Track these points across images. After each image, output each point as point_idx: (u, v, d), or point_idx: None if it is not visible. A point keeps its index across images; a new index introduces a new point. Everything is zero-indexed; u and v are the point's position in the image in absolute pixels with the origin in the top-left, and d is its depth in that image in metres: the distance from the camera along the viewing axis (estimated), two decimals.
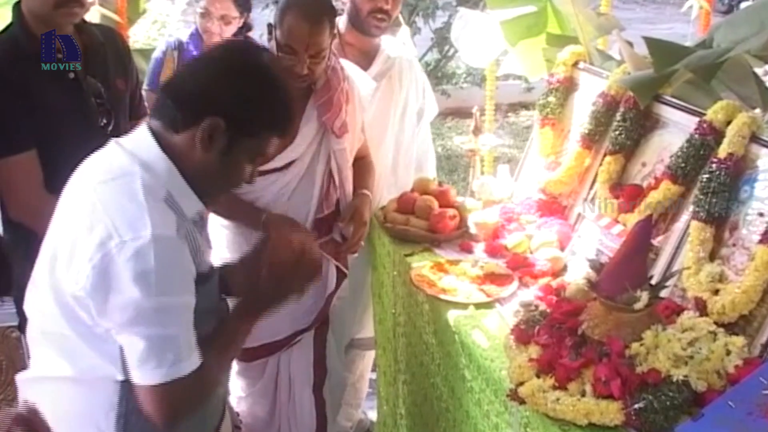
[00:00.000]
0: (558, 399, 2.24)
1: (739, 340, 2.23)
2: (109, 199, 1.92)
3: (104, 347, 1.97)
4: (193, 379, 1.93)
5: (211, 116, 1.93)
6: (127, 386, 1.98)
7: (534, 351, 2.41)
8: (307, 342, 3.24)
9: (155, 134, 1.99)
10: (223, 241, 3.12)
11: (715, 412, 2.08)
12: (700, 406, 2.14)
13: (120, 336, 1.92)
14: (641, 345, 2.25)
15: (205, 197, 2.05)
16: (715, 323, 2.32)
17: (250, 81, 1.99)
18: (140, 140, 2.00)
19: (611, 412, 2.16)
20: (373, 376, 3.80)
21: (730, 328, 2.30)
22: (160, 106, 2.01)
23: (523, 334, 2.51)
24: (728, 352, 2.23)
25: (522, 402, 2.31)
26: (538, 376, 2.33)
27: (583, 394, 2.24)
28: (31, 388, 2.13)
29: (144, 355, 1.89)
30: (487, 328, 2.72)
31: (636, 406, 2.14)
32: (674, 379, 2.16)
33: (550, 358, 2.34)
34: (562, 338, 2.39)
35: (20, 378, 2.19)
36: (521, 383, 2.33)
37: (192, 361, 1.94)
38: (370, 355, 3.76)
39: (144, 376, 1.91)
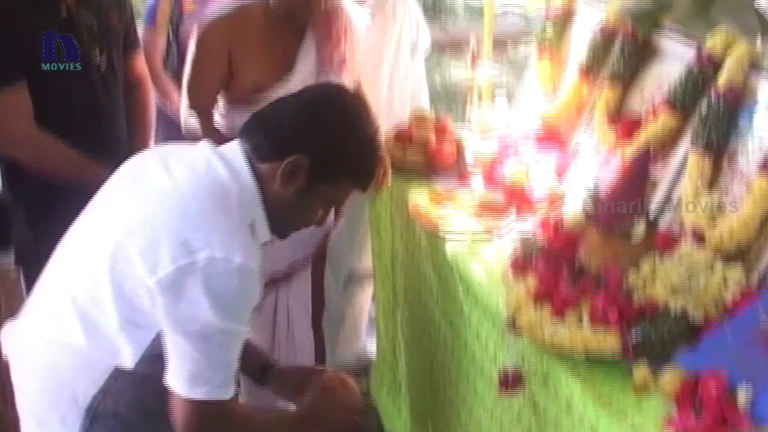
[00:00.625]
0: (555, 329, 2.25)
1: (737, 271, 2.23)
2: (207, 209, 1.91)
3: (137, 335, 1.98)
4: (228, 409, 1.98)
5: (297, 154, 1.97)
6: (120, 373, 2.00)
7: (531, 282, 2.41)
8: (304, 276, 3.24)
9: (246, 157, 2.00)
10: None
11: (713, 343, 2.09)
12: (698, 337, 2.15)
13: (174, 340, 1.92)
14: (639, 275, 2.25)
15: (274, 230, 2.07)
16: (714, 254, 2.32)
17: (342, 129, 2.04)
18: (234, 158, 2.00)
19: (609, 341, 2.17)
20: (373, 309, 3.81)
21: (729, 259, 2.31)
22: (250, 132, 2.03)
23: (520, 265, 2.52)
24: (726, 283, 2.23)
25: (519, 332, 2.32)
26: (535, 306, 2.34)
27: (581, 325, 2.25)
28: (20, 339, 2.11)
29: (197, 370, 1.91)
30: (485, 259, 2.73)
31: (634, 335, 2.15)
32: (672, 310, 2.17)
33: (548, 289, 2.35)
34: (560, 269, 2.40)
35: (9, 327, 2.16)
36: (519, 313, 2.34)
37: (232, 390, 1.98)
38: (369, 289, 3.77)
39: (190, 390, 1.92)
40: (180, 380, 1.92)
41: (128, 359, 1.99)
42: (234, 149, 2.02)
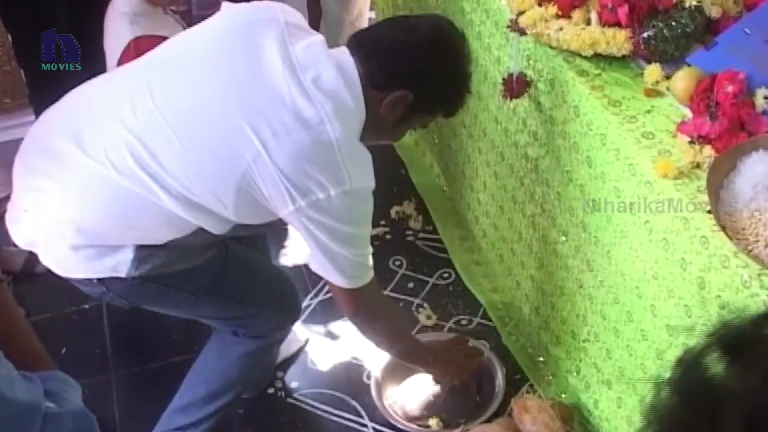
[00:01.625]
0: (561, 28, 2.13)
1: None
2: (344, 141, 1.88)
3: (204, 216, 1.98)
4: (374, 285, 2.17)
5: (406, 89, 1.98)
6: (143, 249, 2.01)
7: None
8: None
9: (360, 82, 1.97)
10: None
11: (730, 40, 1.97)
12: (714, 34, 2.03)
13: (323, 246, 1.98)
14: None
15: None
16: None
17: (452, 72, 2.07)
18: (348, 75, 1.95)
19: (618, 41, 2.06)
20: (372, 15, 3.66)
21: None
22: (364, 55, 1.98)
23: None
24: None
25: (523, 32, 2.20)
26: (539, 5, 2.20)
27: (588, 23, 2.13)
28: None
29: (346, 267, 2.04)
30: None
31: (645, 34, 2.03)
32: (686, 5, 2.03)
33: None
34: None
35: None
36: (522, 12, 2.20)
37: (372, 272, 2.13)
38: None
39: (348, 282, 2.07)
40: (336, 277, 2.05)
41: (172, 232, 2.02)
42: (349, 66, 1.96)
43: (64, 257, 1.99)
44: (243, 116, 1.86)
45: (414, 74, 1.99)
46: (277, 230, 2.74)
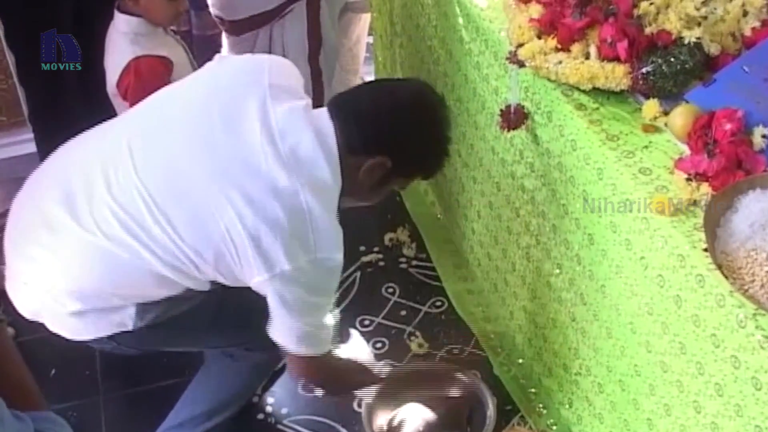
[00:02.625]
0: (560, 61, 2.13)
1: (757, 0, 2.08)
2: (317, 214, 1.88)
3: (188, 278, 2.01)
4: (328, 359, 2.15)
5: (384, 155, 1.98)
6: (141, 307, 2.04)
7: (535, 10, 2.26)
8: (299, 11, 3.07)
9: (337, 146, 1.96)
10: None
11: (728, 78, 1.97)
12: (713, 71, 2.03)
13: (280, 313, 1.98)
14: (651, 4, 2.09)
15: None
16: None
17: (431, 138, 2.08)
18: (327, 143, 1.93)
19: (617, 75, 2.06)
20: (370, 39, 3.67)
21: None
22: (342, 119, 1.97)
23: None
24: (745, 13, 2.09)
25: (522, 64, 2.20)
26: (539, 37, 2.21)
27: (587, 57, 2.13)
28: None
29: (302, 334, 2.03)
30: None
31: (644, 69, 2.03)
32: (686, 41, 2.03)
33: (552, 18, 2.20)
34: None
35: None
36: (521, 45, 2.21)
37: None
38: (366, 19, 3.60)
39: (297, 348, 2.05)
40: (287, 341, 2.04)
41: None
42: (327, 130, 1.95)
43: (70, 324, 2.03)
44: (218, 184, 1.88)
45: (393, 141, 2.00)
46: None
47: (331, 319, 2.08)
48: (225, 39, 3.10)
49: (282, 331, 2.01)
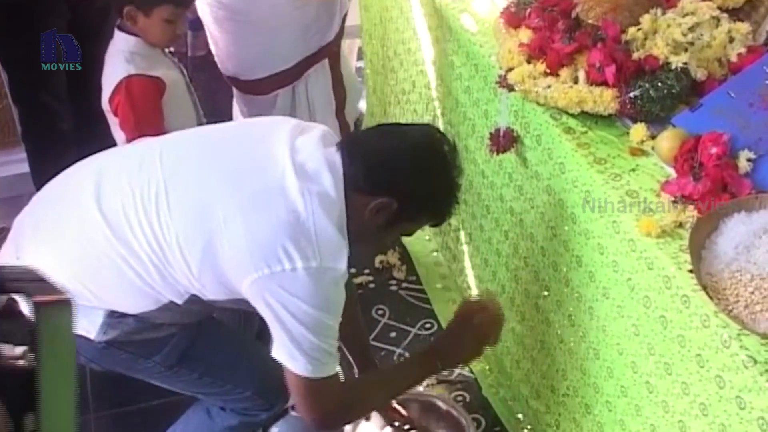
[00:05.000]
0: (549, 86, 2.16)
1: (743, 27, 2.11)
2: (320, 221, 1.86)
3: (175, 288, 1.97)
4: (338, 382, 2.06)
5: (389, 196, 1.95)
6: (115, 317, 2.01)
7: (525, 35, 2.30)
8: (322, 66, 3.03)
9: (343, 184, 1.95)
10: None
11: (715, 102, 2.00)
12: (699, 96, 2.06)
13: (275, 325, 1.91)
14: (639, 30, 2.13)
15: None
16: (719, 8, 2.19)
17: (437, 183, 2.03)
18: (335, 171, 1.93)
19: (605, 99, 2.09)
20: (360, 64, 3.70)
21: (735, 14, 2.18)
22: (349, 157, 1.96)
23: (513, 17, 2.38)
24: (731, 39, 2.12)
25: (511, 88, 2.23)
26: (528, 62, 2.24)
27: (576, 81, 2.16)
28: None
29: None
30: (476, 11, 2.59)
31: (631, 94, 2.06)
32: (673, 67, 2.06)
33: (542, 43, 2.23)
34: (555, 21, 2.27)
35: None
36: (511, 69, 2.24)
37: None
38: (355, 44, 3.62)
39: (306, 369, 1.94)
40: (293, 362, 1.95)
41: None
42: (335, 166, 1.94)
43: None
44: (225, 182, 1.91)
45: (399, 183, 1.97)
46: None
47: (335, 347, 1.97)
48: (237, 100, 3.08)
49: (285, 344, 1.91)
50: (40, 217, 2.05)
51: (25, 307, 0.99)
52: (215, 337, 2.22)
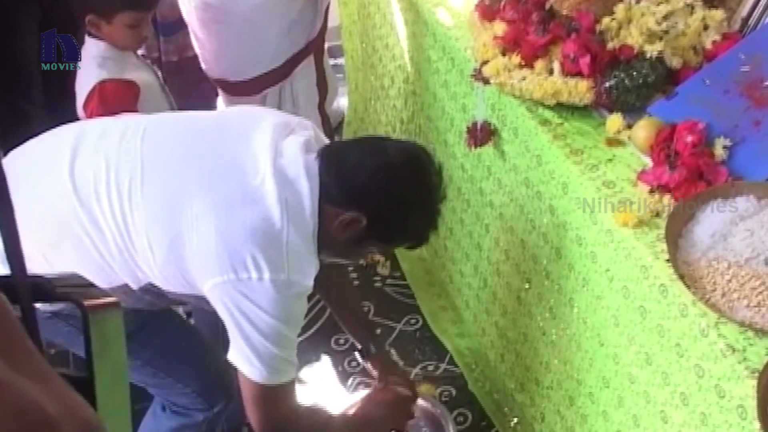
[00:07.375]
0: (524, 78, 2.15)
1: (718, 14, 2.11)
2: (293, 235, 1.83)
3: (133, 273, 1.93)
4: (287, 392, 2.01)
5: (359, 211, 1.90)
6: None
7: (499, 28, 2.28)
8: (308, 63, 3.03)
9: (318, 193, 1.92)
10: None
11: (690, 90, 2.00)
12: (674, 84, 2.06)
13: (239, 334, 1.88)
14: (613, 19, 2.12)
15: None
16: None
17: (410, 201, 1.96)
18: (312, 183, 1.90)
19: (580, 90, 2.08)
20: (341, 61, 3.68)
21: (709, 1, 2.17)
22: (325, 168, 1.92)
23: (487, 11, 2.37)
24: (706, 27, 2.11)
25: (487, 82, 2.22)
26: (503, 54, 2.22)
27: (551, 73, 2.15)
28: None
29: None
30: (451, 5, 2.58)
31: (607, 84, 2.05)
32: (648, 56, 2.05)
33: (516, 35, 2.22)
34: (529, 13, 2.25)
35: None
36: (486, 62, 2.23)
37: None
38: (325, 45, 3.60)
39: (261, 375, 1.91)
40: (249, 367, 1.91)
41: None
42: (313, 168, 1.91)
43: None
44: (202, 182, 1.87)
45: (368, 199, 1.92)
46: None
47: (294, 355, 1.95)
48: (223, 101, 3.07)
49: (242, 349, 1.88)
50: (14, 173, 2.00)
51: None
52: (166, 327, 2.18)
